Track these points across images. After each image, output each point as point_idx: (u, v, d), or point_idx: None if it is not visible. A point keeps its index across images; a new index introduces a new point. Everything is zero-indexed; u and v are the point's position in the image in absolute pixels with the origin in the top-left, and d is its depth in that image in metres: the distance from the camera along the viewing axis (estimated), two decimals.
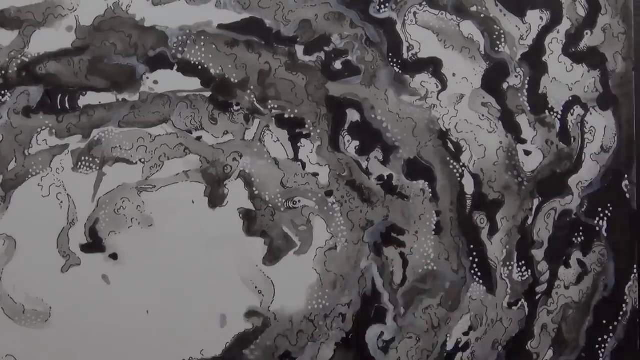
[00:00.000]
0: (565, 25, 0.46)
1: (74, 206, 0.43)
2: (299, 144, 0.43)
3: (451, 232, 0.44)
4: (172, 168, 0.43)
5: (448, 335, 0.45)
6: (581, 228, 0.46)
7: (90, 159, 0.43)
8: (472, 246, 0.45)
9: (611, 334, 0.46)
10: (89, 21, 0.42)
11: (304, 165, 0.43)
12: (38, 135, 0.43)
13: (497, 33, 0.45)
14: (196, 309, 0.43)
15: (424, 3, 0.44)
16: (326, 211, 0.43)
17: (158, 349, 0.43)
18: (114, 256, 0.43)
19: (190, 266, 0.43)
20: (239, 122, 0.43)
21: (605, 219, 0.47)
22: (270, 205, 0.43)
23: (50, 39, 0.42)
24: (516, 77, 0.45)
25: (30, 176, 0.42)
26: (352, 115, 0.44)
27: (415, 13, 0.44)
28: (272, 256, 0.43)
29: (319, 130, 0.43)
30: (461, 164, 0.45)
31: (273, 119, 0.43)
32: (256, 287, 0.43)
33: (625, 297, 0.46)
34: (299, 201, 0.43)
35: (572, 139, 0.46)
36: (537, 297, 0.45)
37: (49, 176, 0.42)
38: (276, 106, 0.43)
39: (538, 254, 0.46)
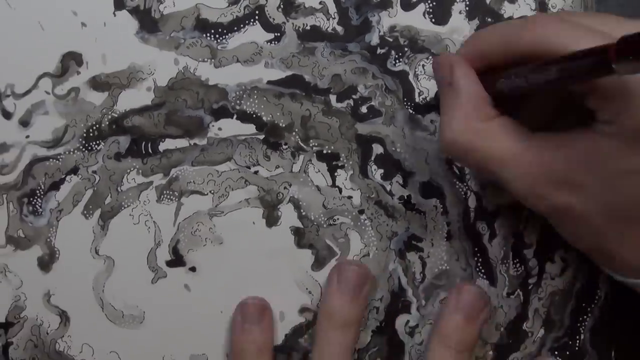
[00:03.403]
0: None
1: (159, 230, 0.48)
2: (335, 174, 0.48)
3: (459, 238, 0.49)
4: (236, 197, 0.48)
5: None
6: None
7: (170, 192, 0.48)
8: (476, 249, 0.49)
9: (590, 314, 0.49)
10: (164, 82, 0.48)
11: (340, 190, 0.49)
12: (127, 175, 0.48)
13: None
14: None
15: (430, 57, 0.48)
16: (359, 226, 0.49)
17: (230, 340, 0.48)
18: (192, 269, 0.48)
19: (254, 274, 0.48)
20: (287, 158, 0.48)
21: None
22: (315, 223, 0.49)
23: (133, 98, 0.48)
24: None
25: (123, 208, 0.48)
26: (377, 149, 0.48)
27: (423, 65, 0.48)
28: (319, 263, 0.49)
29: (351, 162, 0.48)
30: (465, 184, 0.49)
31: (314, 154, 0.48)
32: (307, 289, 0.49)
33: (600, 284, 0.49)
34: (338, 219, 0.49)
35: None
36: (530, 287, 0.49)
37: (138, 207, 0.48)
38: (316, 144, 0.48)
39: (529, 253, 0.49)
